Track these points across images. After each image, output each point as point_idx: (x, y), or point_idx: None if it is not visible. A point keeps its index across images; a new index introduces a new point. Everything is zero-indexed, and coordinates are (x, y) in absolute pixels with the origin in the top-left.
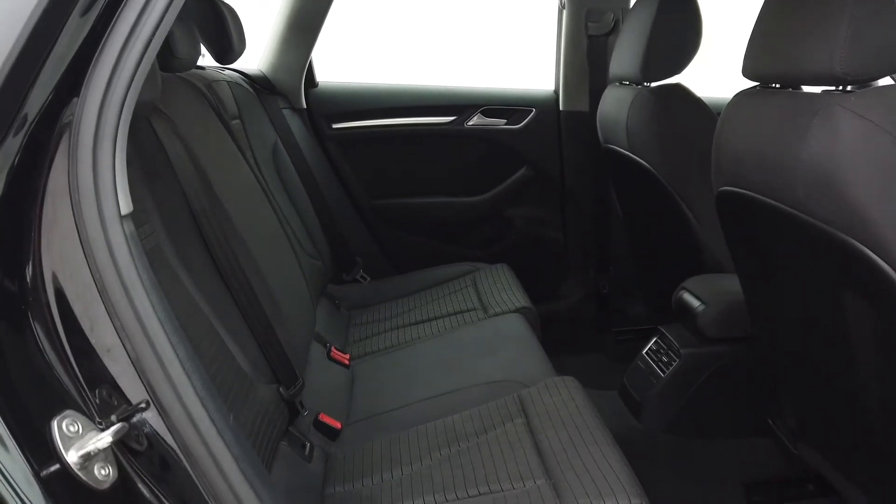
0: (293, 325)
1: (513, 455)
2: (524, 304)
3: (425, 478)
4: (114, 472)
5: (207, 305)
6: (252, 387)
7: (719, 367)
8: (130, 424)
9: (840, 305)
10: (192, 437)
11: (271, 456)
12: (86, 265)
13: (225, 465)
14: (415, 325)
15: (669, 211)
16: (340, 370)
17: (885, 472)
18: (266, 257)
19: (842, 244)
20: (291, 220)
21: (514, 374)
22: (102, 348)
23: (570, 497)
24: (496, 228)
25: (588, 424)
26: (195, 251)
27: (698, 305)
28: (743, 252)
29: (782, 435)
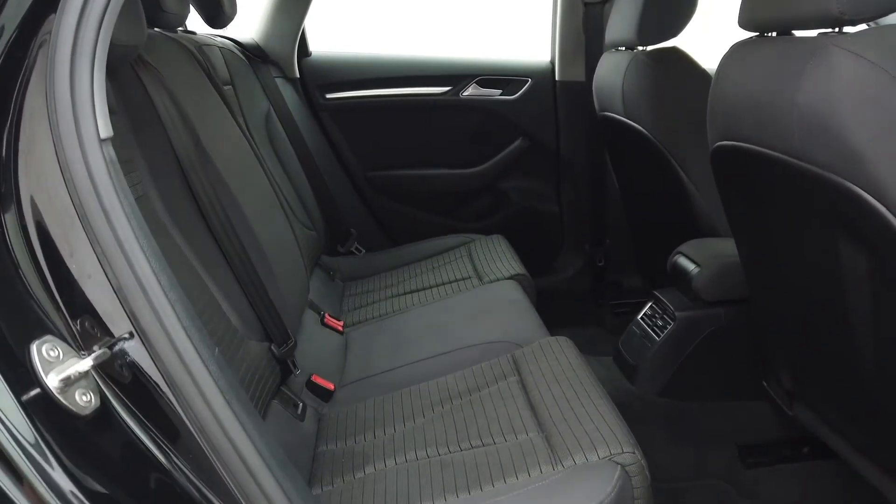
0: (286, 287)
1: (506, 410)
2: (519, 271)
3: (418, 434)
4: (96, 400)
5: (196, 259)
6: (243, 342)
7: (714, 330)
8: (113, 353)
9: (835, 255)
10: (177, 367)
11: (263, 413)
12: (64, 189)
13: (209, 394)
14: (409, 293)
15: (665, 176)
16: (334, 335)
17: (879, 430)
18: (258, 218)
19: (837, 188)
20: (285, 189)
21: (508, 335)
22: (83, 275)
23: (563, 448)
24: (491, 201)
25: (581, 379)
26: (184, 206)
27: (693, 268)
28: (738, 209)
29: (777, 397)
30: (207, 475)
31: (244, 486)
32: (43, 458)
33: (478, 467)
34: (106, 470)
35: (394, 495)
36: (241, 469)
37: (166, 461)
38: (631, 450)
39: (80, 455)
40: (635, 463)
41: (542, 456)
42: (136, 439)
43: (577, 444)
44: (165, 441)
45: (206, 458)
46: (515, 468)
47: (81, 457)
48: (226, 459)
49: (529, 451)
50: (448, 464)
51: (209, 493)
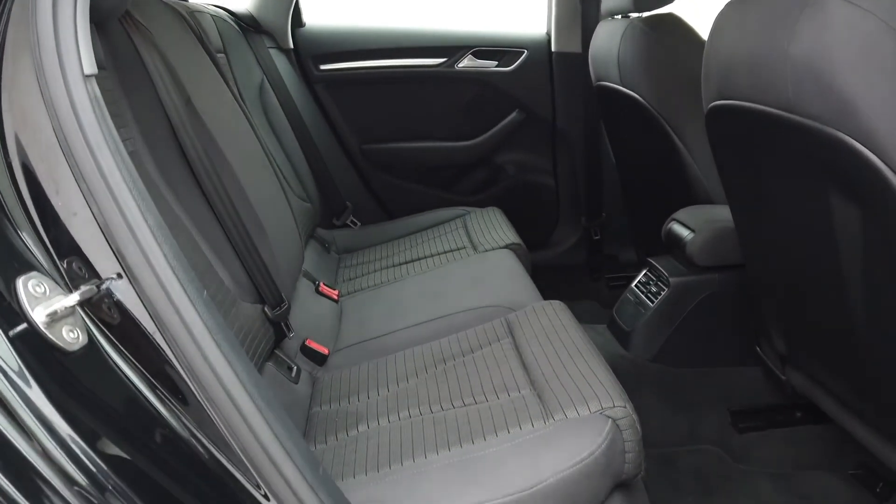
0: (279, 252)
1: (498, 370)
2: (514, 240)
3: (411, 393)
4: (83, 337)
5: (188, 218)
6: (235, 303)
7: (708, 296)
8: (100, 291)
9: (828, 211)
10: (165, 307)
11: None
12: (49, 125)
13: (198, 334)
14: (404, 264)
15: (661, 144)
16: (329, 303)
17: (871, 390)
18: (251, 183)
19: (830, 140)
20: (280, 160)
21: (502, 300)
22: (68, 212)
23: (555, 403)
24: (487, 174)
25: (574, 340)
26: (175, 165)
27: (687, 234)
28: (733, 171)
29: (770, 361)
30: (197, 414)
31: (234, 426)
32: (28, 388)
33: (470, 423)
34: (93, 405)
35: (387, 451)
36: (231, 409)
37: (156, 400)
38: (622, 404)
39: (68, 389)
40: (626, 417)
41: (533, 411)
42: (124, 378)
43: (568, 400)
44: (154, 380)
45: (195, 397)
46: (507, 423)
47: (69, 391)
48: (215, 399)
49: (521, 407)
50: (441, 420)
51: (198, 432)
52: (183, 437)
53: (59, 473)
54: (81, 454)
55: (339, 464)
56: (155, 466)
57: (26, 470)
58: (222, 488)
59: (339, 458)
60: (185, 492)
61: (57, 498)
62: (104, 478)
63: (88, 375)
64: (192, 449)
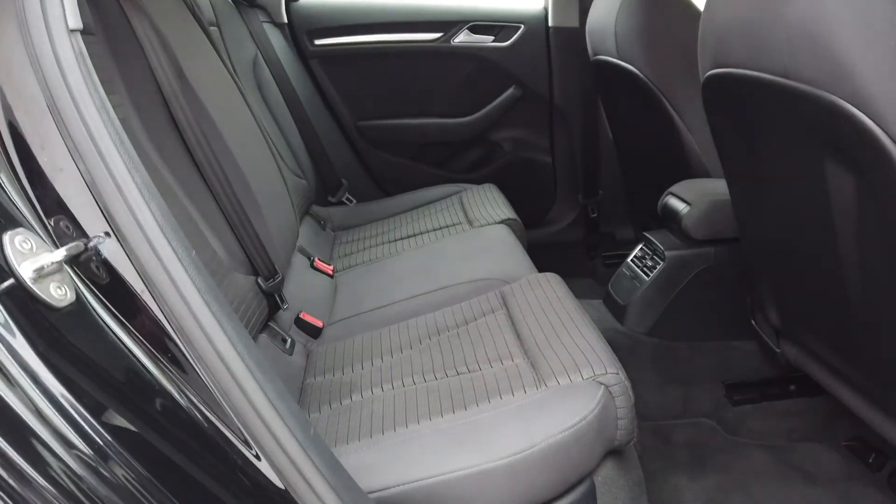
0: (273, 225)
1: (492, 340)
2: (510, 215)
3: (405, 364)
4: (71, 294)
5: (179, 187)
6: (228, 273)
7: (704, 270)
8: (87, 249)
9: (822, 178)
10: (153, 265)
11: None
12: (34, 80)
13: (187, 293)
14: (399, 240)
15: (658, 117)
16: (324, 278)
17: (864, 360)
18: (244, 155)
19: (825, 105)
20: (274, 136)
21: (497, 273)
22: (54, 168)
23: (548, 371)
24: (484, 151)
25: (567, 310)
26: (166, 135)
27: (683, 207)
28: (728, 141)
29: (765, 334)
30: (187, 374)
31: (224, 386)
32: (13, 339)
33: (463, 391)
34: (82, 363)
35: (380, 418)
36: (221, 368)
37: (146, 359)
38: (615, 371)
39: (56, 345)
40: (619, 384)
41: (526, 379)
42: (113, 336)
43: (561, 367)
44: (144, 339)
45: (185, 357)
46: (500, 390)
47: (56, 347)
48: (205, 359)
49: (514, 375)
50: (434, 389)
51: (189, 391)
52: (173, 396)
53: (49, 428)
54: (72, 410)
55: (332, 432)
56: (145, 425)
57: (16, 424)
58: (213, 448)
59: (333, 426)
60: (175, 450)
61: (45, 450)
62: (95, 433)
63: (77, 332)
64: (182, 408)
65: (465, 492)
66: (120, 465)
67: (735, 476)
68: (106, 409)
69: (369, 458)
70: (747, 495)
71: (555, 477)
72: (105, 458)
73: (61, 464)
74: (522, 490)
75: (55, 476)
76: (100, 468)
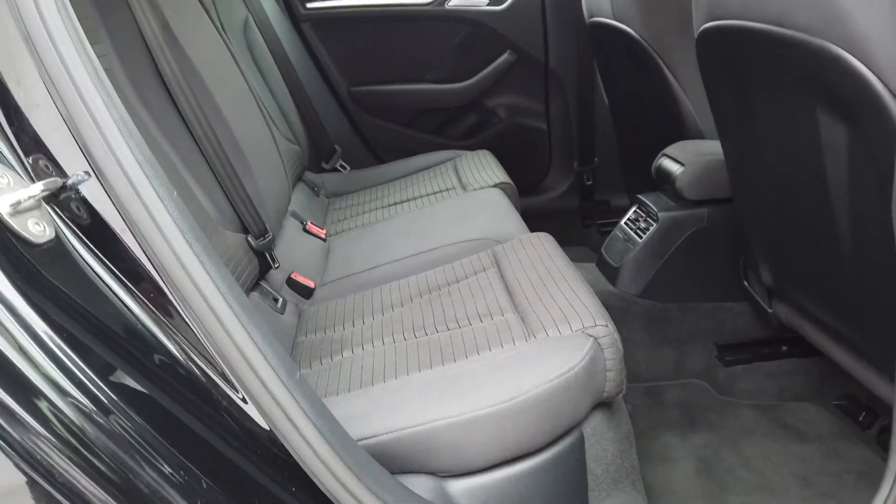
0: (263, 184)
1: (483, 297)
2: (503, 179)
3: (395, 321)
4: (50, 231)
5: (166, 141)
6: (217, 230)
7: (697, 231)
8: (66, 186)
9: (815, 129)
10: (135, 206)
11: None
12: (9, 14)
13: (169, 232)
14: (393, 205)
15: (653, 80)
16: (316, 241)
17: (855, 316)
18: (233, 113)
19: (818, 52)
20: (266, 100)
21: (489, 234)
22: (30, 104)
23: (537, 324)
24: (478, 118)
25: (558, 266)
26: (153, 89)
27: (677, 168)
28: (722, 98)
29: (757, 295)
30: (170, 315)
31: (208, 326)
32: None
33: (453, 345)
34: (61, 299)
35: (370, 371)
36: (205, 309)
37: (129, 299)
38: (604, 323)
39: (34, 281)
40: (608, 336)
41: (516, 332)
42: (95, 275)
43: (550, 320)
44: (126, 280)
45: (168, 297)
46: (489, 343)
47: (35, 283)
48: (188, 299)
49: (504, 328)
50: (424, 344)
51: (173, 332)
52: (157, 336)
53: (29, 363)
54: (54, 346)
55: (322, 385)
56: (128, 365)
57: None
58: (197, 388)
59: (323, 380)
60: (158, 390)
61: (27, 384)
62: (77, 370)
63: (56, 269)
64: (165, 349)
65: (452, 439)
66: (103, 403)
67: (725, 434)
68: (88, 348)
69: (358, 408)
70: (737, 453)
71: (542, 426)
72: (88, 395)
73: (44, 399)
74: (510, 438)
75: (38, 410)
76: (82, 405)
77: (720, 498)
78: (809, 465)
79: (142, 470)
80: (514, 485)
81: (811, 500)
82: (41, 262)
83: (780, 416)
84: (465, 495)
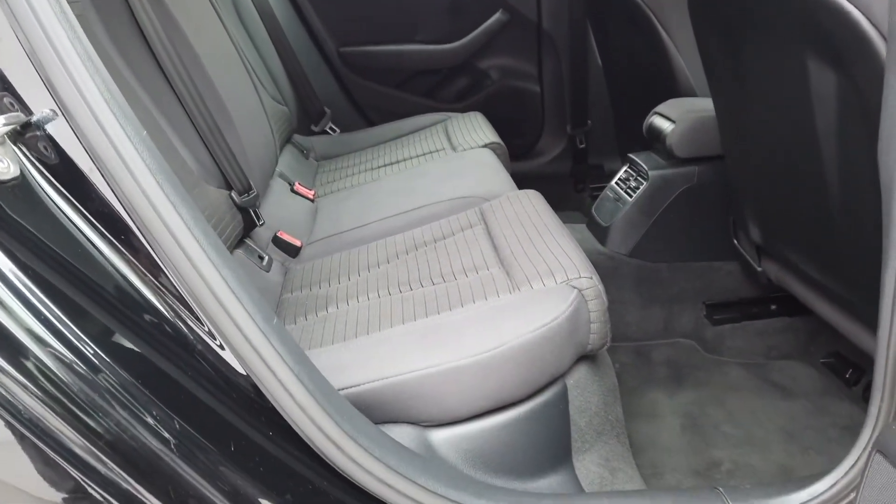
0: (247, 140)
1: (469, 253)
2: (493, 139)
3: (381, 277)
4: (15, 169)
5: (145, 93)
6: (199, 184)
7: (687, 189)
8: (32, 124)
9: (805, 78)
10: (101, 142)
11: None
12: None
13: (138, 173)
14: (382, 167)
15: (646, 37)
16: (304, 201)
17: (842, 270)
18: (216, 68)
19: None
20: (252, 59)
21: (477, 192)
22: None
23: (522, 277)
24: (471, 80)
25: (545, 222)
26: (130, 38)
27: (668, 125)
28: (713, 53)
29: (746, 254)
30: (137, 253)
31: (180, 268)
32: None
33: (437, 298)
34: (27, 238)
35: (354, 325)
36: (176, 250)
37: (99, 239)
38: (588, 275)
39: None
40: (592, 288)
41: (500, 285)
42: (63, 215)
43: (535, 273)
44: (96, 220)
45: (137, 238)
46: (474, 296)
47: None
48: (159, 240)
49: (489, 282)
50: (409, 299)
51: (143, 272)
52: (127, 277)
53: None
54: (20, 285)
55: (306, 339)
56: (97, 306)
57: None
58: (171, 332)
59: (307, 335)
60: (128, 331)
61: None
62: (44, 308)
63: (21, 208)
64: (137, 290)
65: (433, 388)
66: (71, 342)
67: (712, 391)
68: (56, 287)
69: (339, 359)
70: (723, 409)
71: (525, 376)
72: (56, 334)
73: (8, 337)
74: (492, 387)
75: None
76: (49, 344)
77: (704, 452)
78: (794, 420)
79: (110, 407)
80: (496, 435)
81: (794, 454)
82: (5, 200)
83: (767, 373)
84: (448, 445)
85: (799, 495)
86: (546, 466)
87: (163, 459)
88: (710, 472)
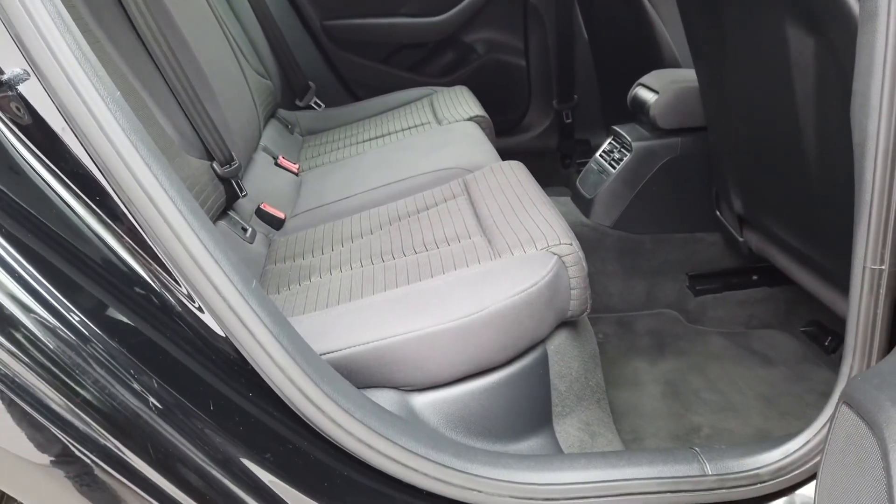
0: (230, 112)
1: (451, 222)
2: (478, 112)
3: (364, 248)
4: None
5: (123, 62)
6: (180, 154)
7: (670, 160)
8: (3, 84)
9: (784, 45)
10: (73, 101)
11: None
12: None
13: (112, 133)
14: (367, 141)
15: (632, 9)
16: (288, 175)
17: (822, 238)
18: (197, 38)
19: None
20: (235, 31)
21: (461, 163)
22: None
23: (503, 244)
24: (457, 54)
25: (528, 192)
26: (109, 8)
27: (652, 96)
28: (696, 22)
29: (729, 224)
30: (114, 215)
31: (156, 229)
32: None
33: (419, 267)
34: (1, 199)
35: (336, 293)
36: (152, 211)
37: (73, 200)
38: (568, 241)
39: None
40: (572, 254)
41: (482, 253)
42: (36, 175)
43: (516, 240)
44: (70, 181)
45: (112, 199)
46: (455, 263)
47: None
48: (134, 201)
49: (470, 250)
50: (391, 268)
51: (118, 231)
52: (103, 238)
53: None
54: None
55: (289, 308)
56: (73, 267)
57: None
58: (151, 298)
59: (290, 303)
60: (109, 295)
61: None
62: (20, 269)
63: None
64: (112, 251)
65: (413, 353)
66: (48, 301)
67: (693, 359)
68: (31, 249)
69: (321, 325)
70: (704, 376)
71: (504, 341)
72: (33, 293)
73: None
74: (472, 352)
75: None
76: (25, 304)
77: (684, 417)
78: (773, 387)
79: (87, 366)
80: (477, 399)
81: (772, 419)
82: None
83: (747, 342)
84: (429, 409)
85: (772, 454)
86: (527, 430)
87: (141, 417)
88: (690, 437)
